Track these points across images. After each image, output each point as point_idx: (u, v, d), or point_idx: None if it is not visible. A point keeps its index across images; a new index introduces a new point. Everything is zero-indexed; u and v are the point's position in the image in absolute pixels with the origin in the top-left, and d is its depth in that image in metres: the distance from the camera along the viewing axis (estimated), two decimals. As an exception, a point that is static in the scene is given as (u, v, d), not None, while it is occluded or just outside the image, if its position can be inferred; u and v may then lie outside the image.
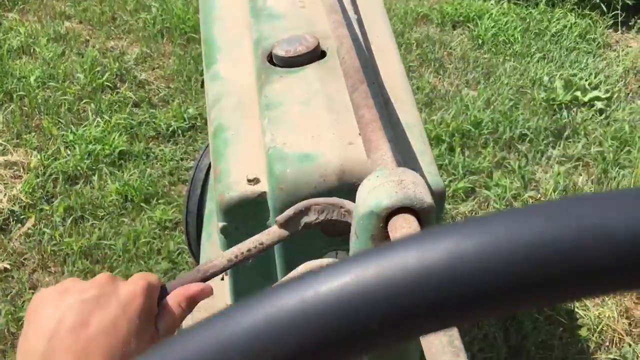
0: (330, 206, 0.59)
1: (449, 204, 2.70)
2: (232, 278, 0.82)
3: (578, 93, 3.29)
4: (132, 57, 3.43)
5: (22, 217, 2.54)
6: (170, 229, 2.54)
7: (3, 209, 2.54)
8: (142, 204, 2.59)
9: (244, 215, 0.72)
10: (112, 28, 3.70)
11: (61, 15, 3.78)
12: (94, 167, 2.75)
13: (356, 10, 1.03)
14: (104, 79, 3.22)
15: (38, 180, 2.66)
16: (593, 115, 3.22)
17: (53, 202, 2.60)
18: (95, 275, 0.61)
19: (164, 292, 0.60)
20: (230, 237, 0.72)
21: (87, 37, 3.62)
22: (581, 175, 2.90)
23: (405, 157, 0.73)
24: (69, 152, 2.81)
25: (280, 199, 0.68)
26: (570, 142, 3.05)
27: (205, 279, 0.59)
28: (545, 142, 3.02)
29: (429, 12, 3.98)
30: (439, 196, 0.71)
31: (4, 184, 2.66)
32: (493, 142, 2.99)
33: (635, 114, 3.25)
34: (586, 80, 3.38)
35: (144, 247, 2.43)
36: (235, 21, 1.02)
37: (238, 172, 0.72)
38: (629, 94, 3.42)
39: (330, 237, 0.69)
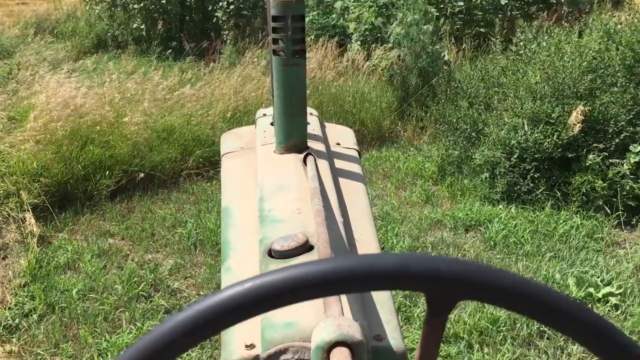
0: (302, 348, 0.77)
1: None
2: None
3: (591, 289, 3.39)
4: (166, 268, 3.72)
5: None
6: None
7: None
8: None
9: None
10: (151, 243, 4.05)
11: (105, 233, 4.17)
12: (123, 373, 2.85)
13: (344, 214, 1.27)
14: (139, 289, 3.47)
15: (70, 387, 2.77)
16: (609, 310, 3.28)
17: (82, 408, 2.67)
18: None
19: None
20: None
21: (128, 252, 3.96)
22: (604, 370, 2.89)
23: (373, 325, 0.90)
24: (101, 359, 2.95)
25: None
26: (588, 337, 3.08)
27: None
28: (564, 338, 3.06)
29: (442, 218, 4.28)
30: (401, 356, 0.87)
31: (37, 391, 2.77)
32: (511, 339, 3.04)
33: (652, 307, 3.31)
34: (598, 277, 3.51)
35: None
36: (247, 226, 1.26)
37: (239, 339, 0.90)
38: (642, 288, 3.51)
39: None
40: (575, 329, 0.45)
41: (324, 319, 0.72)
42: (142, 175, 4.74)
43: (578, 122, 4.27)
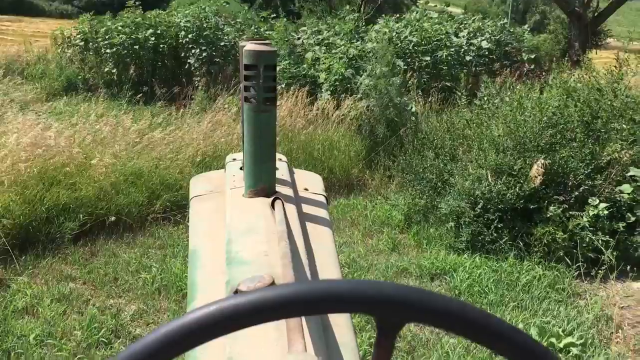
0: None
1: None
2: None
3: (553, 340, 3.44)
4: (129, 313, 3.64)
5: None
6: None
7: None
8: None
9: None
10: (113, 287, 3.97)
11: (67, 277, 4.08)
12: (79, 422, 2.76)
13: (310, 257, 1.29)
14: (99, 335, 3.38)
15: None
16: (571, 360, 3.32)
17: None
18: None
19: None
20: None
21: (89, 297, 3.87)
22: (566, 420, 2.91)
23: None
24: (56, 408, 2.85)
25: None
26: (551, 387, 3.10)
27: None
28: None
29: (408, 266, 4.31)
30: None
31: None
32: (475, 389, 3.05)
33: None
34: (559, 327, 3.55)
35: None
36: (215, 268, 1.27)
37: None
38: (602, 340, 3.56)
39: None
40: (510, 350, 0.49)
41: (287, 356, 0.73)
42: (112, 218, 4.69)
43: (539, 175, 4.40)
